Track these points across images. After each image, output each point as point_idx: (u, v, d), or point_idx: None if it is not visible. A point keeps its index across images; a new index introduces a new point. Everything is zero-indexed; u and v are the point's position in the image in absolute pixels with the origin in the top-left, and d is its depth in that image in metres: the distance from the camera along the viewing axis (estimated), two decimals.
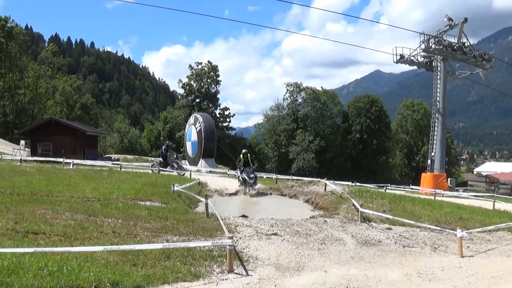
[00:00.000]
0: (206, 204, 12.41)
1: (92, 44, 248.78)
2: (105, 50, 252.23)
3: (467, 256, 9.73)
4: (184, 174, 28.50)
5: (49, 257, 7.12)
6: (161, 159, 31.74)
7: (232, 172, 31.31)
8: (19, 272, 6.37)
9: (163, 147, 33.06)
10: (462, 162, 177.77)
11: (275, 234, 10.66)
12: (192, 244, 8.26)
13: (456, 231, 10.11)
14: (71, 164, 27.64)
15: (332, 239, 10.61)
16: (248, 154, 23.62)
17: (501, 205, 20.62)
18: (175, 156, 33.90)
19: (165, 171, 28.88)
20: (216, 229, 10.43)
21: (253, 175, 21.90)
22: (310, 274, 7.83)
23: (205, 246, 8.51)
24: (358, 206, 13.58)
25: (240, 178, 22.35)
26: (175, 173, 29.11)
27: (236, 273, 7.57)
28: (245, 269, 7.81)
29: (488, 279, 7.86)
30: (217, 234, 10.02)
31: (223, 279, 7.21)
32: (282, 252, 9.10)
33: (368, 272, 8.08)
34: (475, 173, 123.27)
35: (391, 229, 12.39)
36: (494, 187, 50.22)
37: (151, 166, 31.42)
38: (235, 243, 9.26)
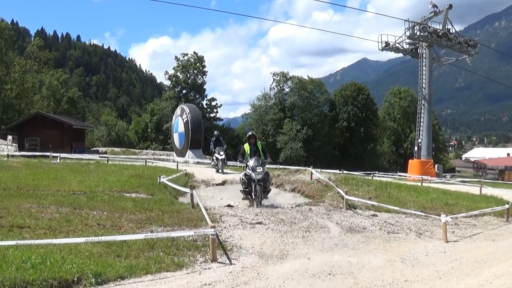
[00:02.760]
0: (191, 195, 12.41)
1: (79, 37, 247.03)
2: (92, 43, 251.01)
3: (451, 241, 9.77)
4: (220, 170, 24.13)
5: (33, 250, 7.11)
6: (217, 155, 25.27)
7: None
8: (2, 266, 6.35)
9: (212, 139, 26.84)
10: (450, 148, 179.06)
11: (260, 223, 10.70)
12: (174, 234, 8.28)
13: (441, 216, 10.18)
14: (58, 158, 27.53)
15: (316, 227, 10.66)
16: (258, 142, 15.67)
17: (488, 190, 20.67)
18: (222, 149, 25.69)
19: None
20: (201, 219, 10.43)
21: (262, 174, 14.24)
22: (293, 261, 7.86)
23: (188, 235, 8.57)
24: (343, 193, 13.68)
25: (243, 179, 14.53)
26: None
27: (219, 262, 7.60)
28: (228, 258, 7.84)
29: (472, 263, 7.90)
30: (202, 224, 10.03)
31: (206, 268, 7.24)
32: (266, 241, 9.13)
33: (352, 259, 8.11)
34: (463, 159, 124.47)
35: (376, 215, 12.44)
36: (482, 173, 50.84)
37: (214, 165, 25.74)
38: (219, 232, 9.33)
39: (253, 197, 14.13)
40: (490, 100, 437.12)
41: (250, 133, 15.54)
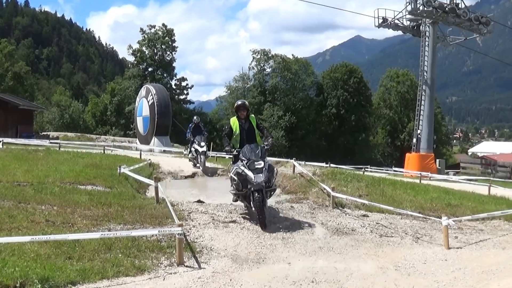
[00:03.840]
0: (156, 188, 12.34)
1: (27, 2, 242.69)
2: (43, 10, 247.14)
3: (454, 247, 9.79)
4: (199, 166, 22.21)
5: None
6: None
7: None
8: None
9: (189, 125, 24.82)
10: (454, 141, 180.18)
11: (234, 221, 10.69)
12: (135, 233, 8.24)
13: (441, 219, 10.18)
14: (1, 143, 27.20)
15: (298, 227, 10.66)
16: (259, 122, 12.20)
17: (498, 191, 20.80)
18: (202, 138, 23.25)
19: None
20: (166, 216, 10.40)
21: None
22: (272, 266, 7.90)
23: (151, 235, 8.53)
24: (329, 190, 13.64)
25: (235, 179, 11.06)
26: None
27: (186, 266, 7.60)
28: (197, 261, 7.84)
29: (478, 274, 7.83)
30: (168, 221, 10.00)
31: (171, 273, 7.22)
32: (241, 242, 9.14)
33: (338, 265, 8.15)
34: (469, 154, 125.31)
35: (367, 216, 12.48)
36: (491, 170, 51.17)
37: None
38: (187, 232, 9.30)
39: (252, 208, 10.75)
40: (504, 87, 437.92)
41: (239, 103, 11.82)
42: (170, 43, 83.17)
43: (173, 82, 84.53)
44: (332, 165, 28.07)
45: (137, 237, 8.40)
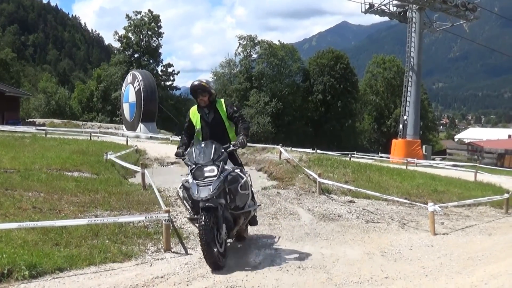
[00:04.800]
0: (143, 174, 12.36)
1: None
2: None
3: (440, 233, 9.86)
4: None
5: None
6: None
7: (176, 138, 31.03)
8: None
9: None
10: (441, 127, 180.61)
11: None
12: (122, 219, 8.20)
13: (428, 205, 10.22)
14: None
15: (285, 213, 10.73)
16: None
17: (485, 177, 20.93)
18: None
19: None
20: (153, 202, 10.42)
21: None
22: (258, 252, 7.88)
23: (138, 221, 8.52)
24: (316, 176, 13.69)
25: (180, 194, 7.46)
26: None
27: (173, 252, 7.58)
28: (184, 247, 7.83)
29: (464, 260, 7.82)
30: (155, 208, 10.02)
31: (158, 259, 7.21)
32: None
33: (324, 250, 8.15)
34: (456, 140, 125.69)
35: (354, 202, 12.59)
36: (478, 156, 51.41)
37: None
38: (174, 218, 9.31)
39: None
40: (490, 73, 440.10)
41: (196, 83, 7.78)
42: (156, 29, 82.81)
43: (159, 68, 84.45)
44: (318, 151, 28.22)
45: (124, 224, 8.38)
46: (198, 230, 6.77)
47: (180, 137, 8.21)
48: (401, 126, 41.10)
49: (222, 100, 8.05)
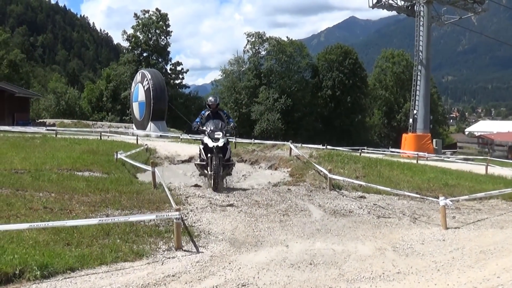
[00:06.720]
0: (153, 173, 12.34)
1: None
2: None
3: (452, 227, 9.76)
4: None
5: None
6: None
7: (186, 136, 31.09)
8: None
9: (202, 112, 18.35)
10: (451, 121, 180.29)
11: (231, 205, 10.72)
12: (133, 218, 8.20)
13: (439, 199, 10.12)
14: None
15: (296, 210, 10.70)
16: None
17: (496, 170, 20.70)
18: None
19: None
20: (164, 201, 10.40)
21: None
22: (270, 249, 7.87)
23: (149, 220, 8.52)
24: (326, 172, 13.63)
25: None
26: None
27: (185, 250, 7.58)
28: (195, 246, 7.83)
29: (476, 253, 7.76)
30: (165, 206, 10.01)
31: (169, 257, 7.21)
32: (239, 226, 9.15)
33: (336, 246, 8.13)
34: (466, 133, 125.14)
35: (365, 197, 12.54)
36: (488, 149, 51.01)
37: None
38: (185, 216, 9.31)
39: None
40: (499, 66, 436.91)
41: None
42: (164, 27, 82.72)
43: (168, 67, 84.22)
44: (328, 147, 28.01)
45: (135, 222, 8.39)
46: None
47: (189, 135, 13.80)
48: (411, 120, 40.90)
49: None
